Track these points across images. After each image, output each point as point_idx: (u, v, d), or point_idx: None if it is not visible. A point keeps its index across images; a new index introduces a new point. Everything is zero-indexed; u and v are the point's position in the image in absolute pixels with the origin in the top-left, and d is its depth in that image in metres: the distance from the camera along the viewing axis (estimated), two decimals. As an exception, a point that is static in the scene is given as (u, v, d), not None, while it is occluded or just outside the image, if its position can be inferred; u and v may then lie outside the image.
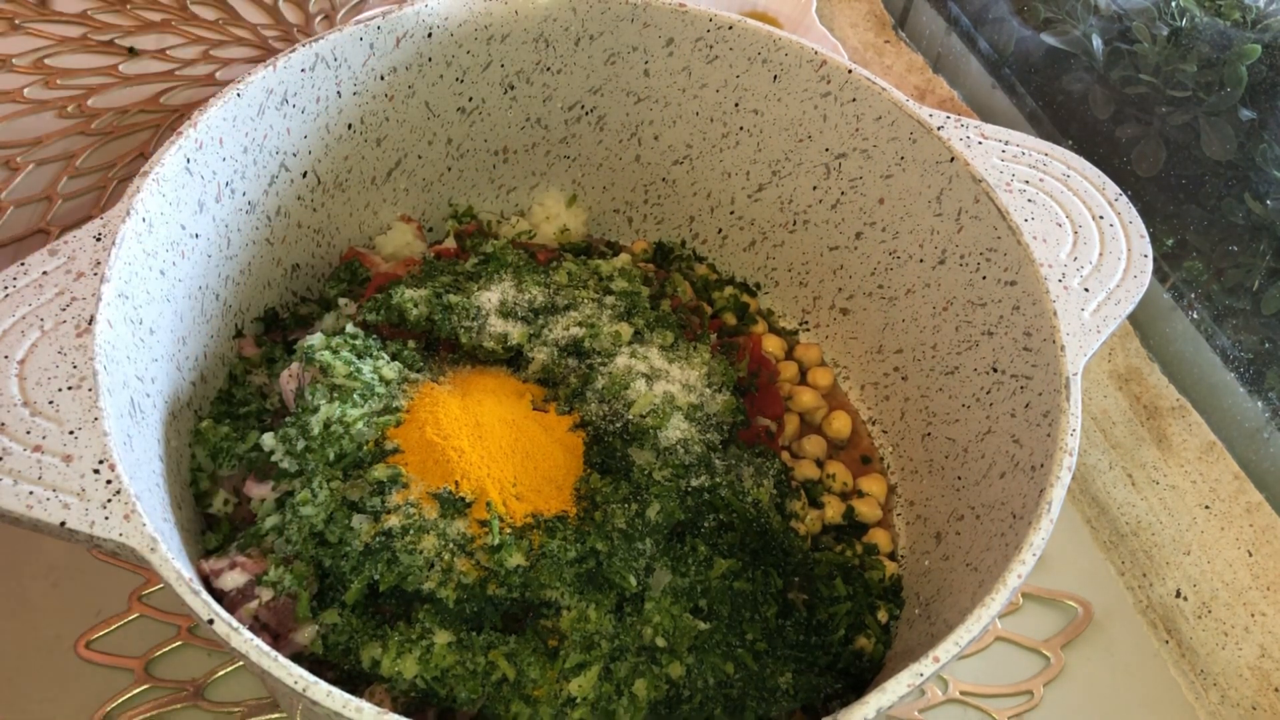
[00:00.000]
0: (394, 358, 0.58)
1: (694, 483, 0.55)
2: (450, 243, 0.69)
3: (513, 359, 0.61)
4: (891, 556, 0.62)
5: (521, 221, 0.72)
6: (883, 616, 0.57)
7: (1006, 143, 0.60)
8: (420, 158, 0.67)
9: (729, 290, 0.72)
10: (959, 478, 0.59)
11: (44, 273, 0.48)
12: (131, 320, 0.49)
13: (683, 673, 0.50)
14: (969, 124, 0.60)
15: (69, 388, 0.45)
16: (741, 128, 0.67)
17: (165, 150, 0.52)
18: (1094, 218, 0.58)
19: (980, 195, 0.58)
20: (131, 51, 0.86)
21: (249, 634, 0.39)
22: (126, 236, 0.49)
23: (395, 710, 0.43)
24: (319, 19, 0.91)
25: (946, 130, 0.59)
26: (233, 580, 0.49)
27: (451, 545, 0.50)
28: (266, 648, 0.39)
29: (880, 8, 0.98)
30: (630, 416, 0.56)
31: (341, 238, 0.67)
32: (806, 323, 0.72)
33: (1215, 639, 0.64)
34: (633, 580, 0.51)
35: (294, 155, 0.61)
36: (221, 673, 0.58)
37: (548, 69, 0.66)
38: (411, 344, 0.60)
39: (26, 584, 0.59)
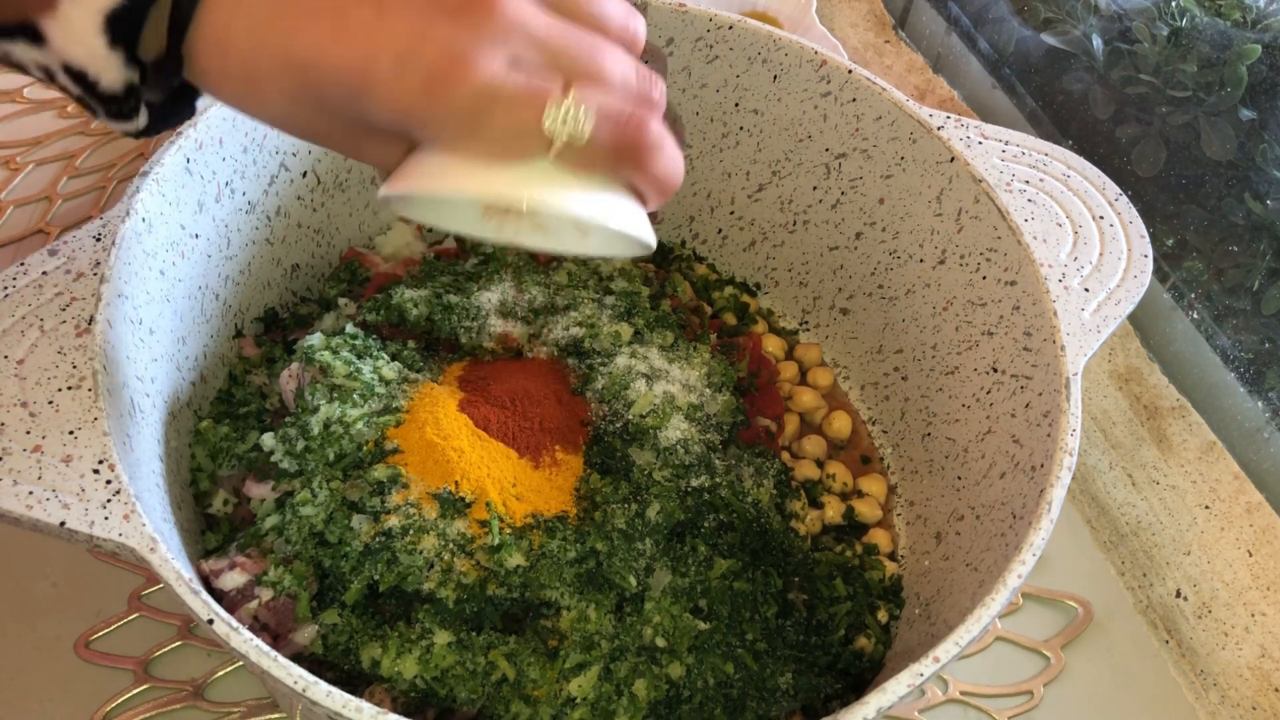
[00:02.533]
0: (394, 358, 0.58)
1: (694, 483, 0.55)
2: (450, 243, 0.69)
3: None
4: (891, 557, 0.62)
5: (521, 221, 0.72)
6: (883, 616, 0.57)
7: (1006, 143, 0.60)
8: (420, 158, 0.67)
9: (729, 290, 0.72)
10: (959, 478, 0.59)
11: (44, 273, 0.48)
12: (131, 320, 0.49)
13: (683, 673, 0.50)
14: (969, 124, 0.60)
15: (69, 388, 0.45)
16: (741, 128, 0.67)
17: (165, 150, 0.52)
18: (1094, 218, 0.58)
19: (980, 195, 0.58)
20: (131, 51, 0.86)
21: (249, 634, 0.39)
22: (126, 236, 0.49)
23: (395, 710, 0.43)
24: (319, 19, 0.91)
25: (946, 130, 0.59)
26: (233, 580, 0.49)
27: (451, 545, 0.50)
28: (266, 648, 0.39)
29: (880, 8, 0.98)
30: (630, 416, 0.56)
31: (341, 238, 0.67)
32: (806, 323, 0.72)
33: (1215, 639, 0.64)
34: (633, 580, 0.51)
35: (293, 155, 0.61)
36: (221, 673, 0.57)
37: (548, 69, 0.66)
38: (411, 344, 0.60)
39: (26, 584, 0.59)
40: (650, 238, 0.39)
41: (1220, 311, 0.72)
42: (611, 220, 0.37)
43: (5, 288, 0.47)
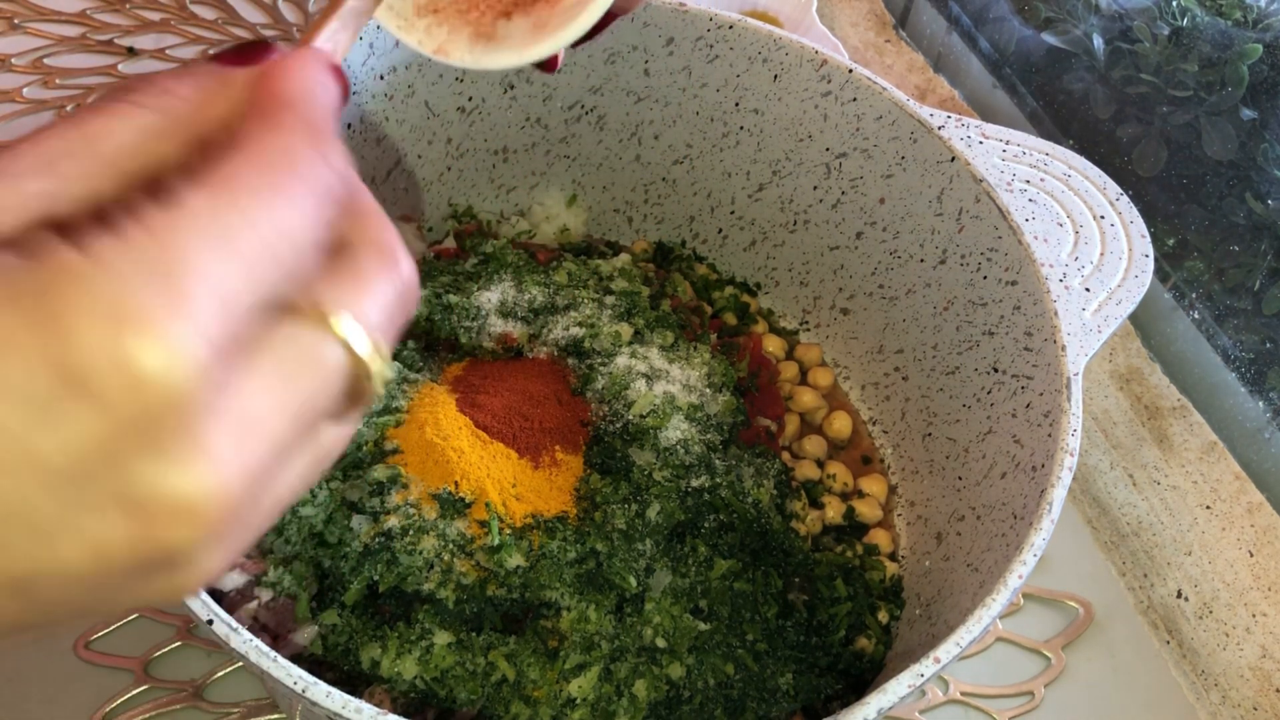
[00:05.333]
0: (394, 358, 0.58)
1: (694, 483, 0.55)
2: (450, 243, 0.69)
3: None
4: (892, 557, 0.62)
5: (521, 221, 0.72)
6: (883, 617, 0.57)
7: (1007, 142, 0.60)
8: (420, 157, 0.67)
9: (729, 290, 0.72)
10: (960, 478, 0.59)
11: (43, 272, 0.48)
12: (131, 320, 0.49)
13: (683, 673, 0.50)
14: (970, 124, 0.60)
15: (68, 388, 0.44)
16: (742, 127, 0.67)
17: (164, 150, 0.52)
18: (1095, 217, 0.58)
19: (981, 195, 0.58)
20: (131, 51, 0.86)
21: (248, 634, 0.39)
22: (126, 236, 0.49)
23: (395, 711, 0.43)
24: (319, 18, 0.91)
25: (947, 130, 0.59)
26: (232, 581, 0.49)
27: (451, 546, 0.50)
28: (266, 648, 0.39)
29: (881, 7, 0.98)
30: (630, 417, 0.56)
31: (341, 237, 0.67)
32: (807, 323, 0.72)
33: (1216, 639, 0.64)
34: (633, 581, 0.51)
35: (293, 155, 0.60)
36: (221, 673, 0.57)
37: (548, 68, 0.66)
38: (411, 344, 0.59)
39: (26, 584, 0.59)
40: None
41: (1221, 311, 0.72)
42: None
43: (4, 288, 0.47)
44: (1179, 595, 0.66)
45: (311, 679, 0.38)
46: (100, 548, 0.20)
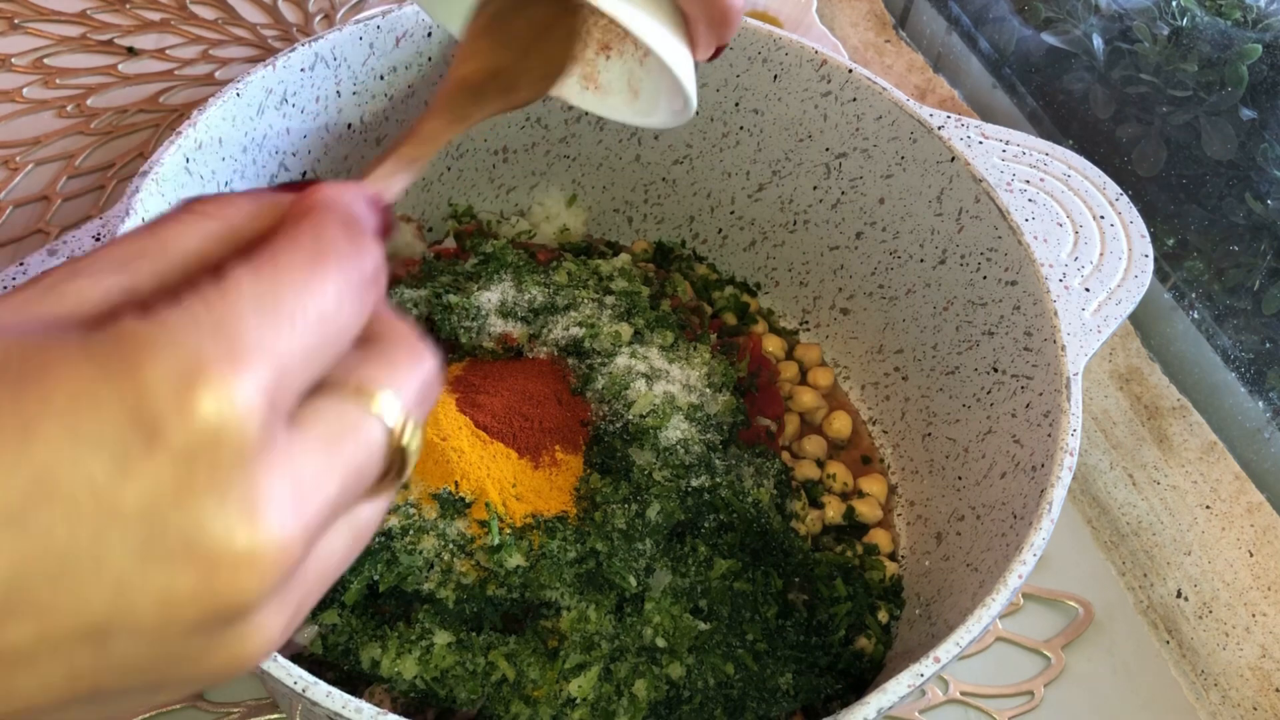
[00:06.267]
0: (394, 358, 0.58)
1: (694, 483, 0.55)
2: (450, 243, 0.69)
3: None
4: (892, 557, 0.62)
5: (521, 221, 0.72)
6: (883, 617, 0.57)
7: (1007, 142, 0.60)
8: (420, 157, 0.67)
9: (729, 290, 0.72)
10: (959, 478, 0.59)
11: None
12: (131, 320, 0.49)
13: (683, 673, 0.50)
14: (969, 124, 0.60)
15: (68, 388, 0.44)
16: (741, 127, 0.67)
17: (164, 150, 0.52)
18: (1095, 217, 0.58)
19: (981, 195, 0.58)
20: (131, 51, 0.86)
21: (248, 634, 0.39)
22: (126, 236, 0.49)
23: (395, 710, 0.43)
24: (318, 18, 0.91)
25: (947, 130, 0.59)
26: (232, 580, 0.49)
27: (451, 546, 0.50)
28: (266, 648, 0.39)
29: (881, 7, 0.98)
30: (630, 416, 0.56)
31: (341, 237, 0.67)
32: (807, 322, 0.72)
33: (1216, 639, 0.64)
34: (633, 581, 0.51)
35: (293, 155, 0.61)
36: (221, 673, 0.57)
37: (548, 68, 0.66)
38: (411, 344, 0.59)
39: (26, 584, 0.59)
40: (692, 89, 0.38)
41: (1221, 311, 0.72)
42: (657, 41, 0.36)
43: (4, 288, 0.47)
44: (1179, 595, 0.66)
45: (311, 679, 0.38)
46: (168, 597, 0.21)
